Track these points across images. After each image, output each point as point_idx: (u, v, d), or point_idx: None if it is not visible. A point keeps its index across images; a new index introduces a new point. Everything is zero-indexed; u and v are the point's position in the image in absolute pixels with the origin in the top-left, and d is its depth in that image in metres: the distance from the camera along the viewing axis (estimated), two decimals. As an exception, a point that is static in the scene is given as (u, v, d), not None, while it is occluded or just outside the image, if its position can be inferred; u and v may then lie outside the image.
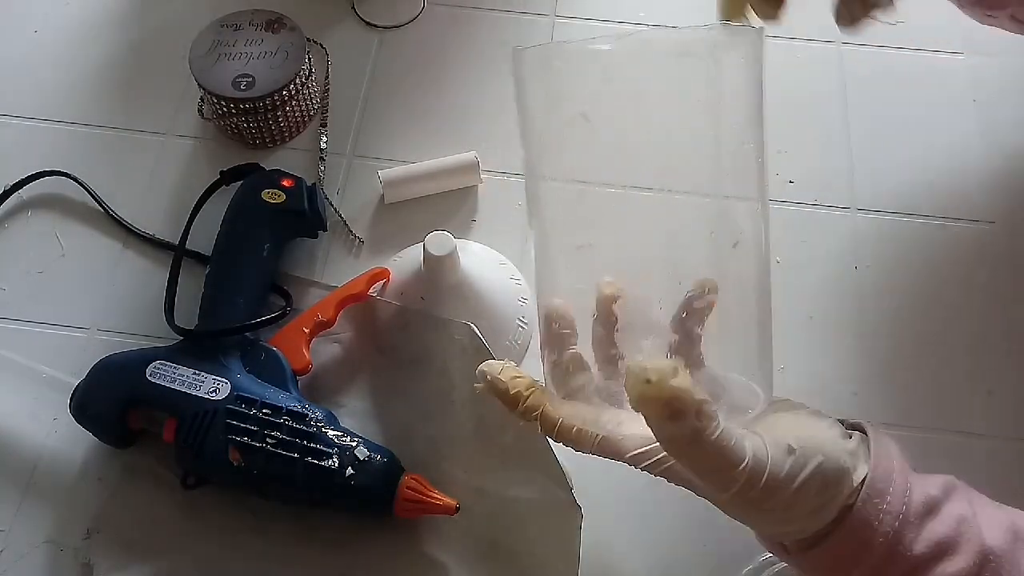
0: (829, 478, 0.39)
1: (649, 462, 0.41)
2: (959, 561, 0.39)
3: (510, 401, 0.44)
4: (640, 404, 0.37)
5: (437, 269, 0.59)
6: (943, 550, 0.39)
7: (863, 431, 0.43)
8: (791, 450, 0.39)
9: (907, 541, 0.39)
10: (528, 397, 0.44)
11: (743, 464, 0.38)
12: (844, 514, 0.39)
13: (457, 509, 0.54)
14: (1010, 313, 0.65)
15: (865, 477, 0.40)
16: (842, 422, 0.43)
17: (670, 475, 0.41)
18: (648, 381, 0.36)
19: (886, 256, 0.68)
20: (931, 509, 0.40)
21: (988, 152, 0.72)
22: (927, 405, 0.61)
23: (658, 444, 0.39)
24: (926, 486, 0.41)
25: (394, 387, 0.61)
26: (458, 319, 0.59)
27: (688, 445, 0.37)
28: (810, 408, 0.44)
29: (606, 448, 0.42)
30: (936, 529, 0.39)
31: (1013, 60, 0.77)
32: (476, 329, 0.58)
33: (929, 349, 0.64)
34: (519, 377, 0.44)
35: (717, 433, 0.37)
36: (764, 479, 0.38)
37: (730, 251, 0.41)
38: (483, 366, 0.45)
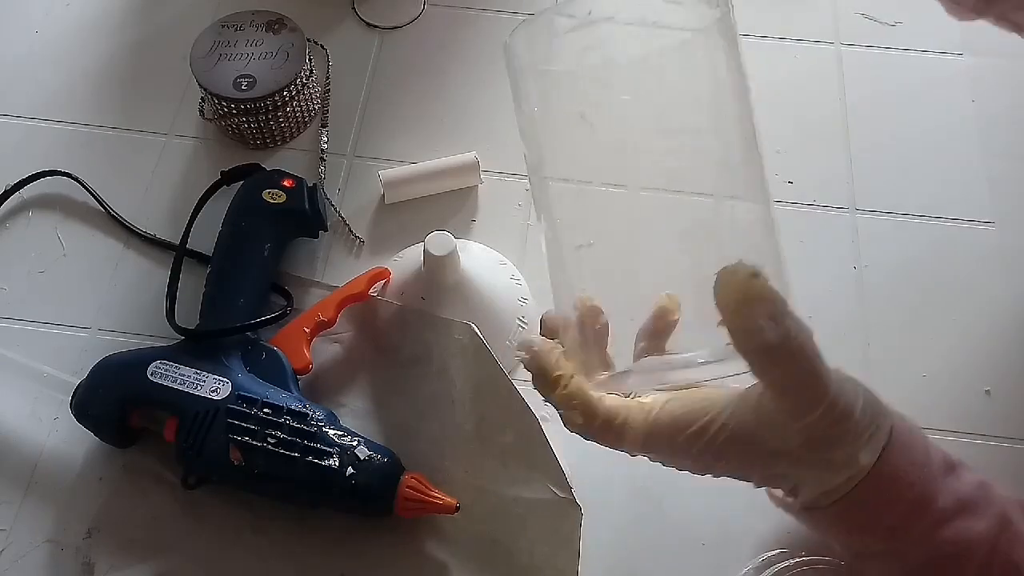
0: (876, 407, 0.39)
1: (708, 436, 0.39)
2: (981, 522, 0.39)
3: (549, 383, 0.42)
4: (744, 304, 0.36)
5: (437, 269, 0.59)
6: (966, 507, 0.39)
7: None
8: (840, 376, 0.39)
9: (934, 492, 0.39)
10: (569, 383, 0.42)
11: (831, 376, 0.37)
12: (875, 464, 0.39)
13: (457, 508, 0.54)
14: (1009, 313, 0.65)
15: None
16: None
17: (718, 461, 0.40)
18: (755, 275, 0.35)
19: (885, 256, 0.68)
20: (951, 468, 0.40)
21: (988, 152, 0.72)
22: (927, 405, 0.61)
23: (708, 423, 0.39)
24: (941, 449, 0.41)
25: (394, 387, 0.61)
26: (458, 319, 0.59)
27: (786, 351, 0.37)
28: None
29: (653, 441, 0.41)
30: (957, 488, 0.40)
31: (1013, 60, 0.77)
32: (476, 329, 0.58)
33: (928, 349, 0.64)
34: (564, 361, 0.42)
35: (812, 338, 0.37)
36: (842, 400, 0.38)
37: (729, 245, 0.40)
38: (528, 339, 0.43)
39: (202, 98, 0.71)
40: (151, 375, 0.56)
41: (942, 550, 0.39)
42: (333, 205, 0.68)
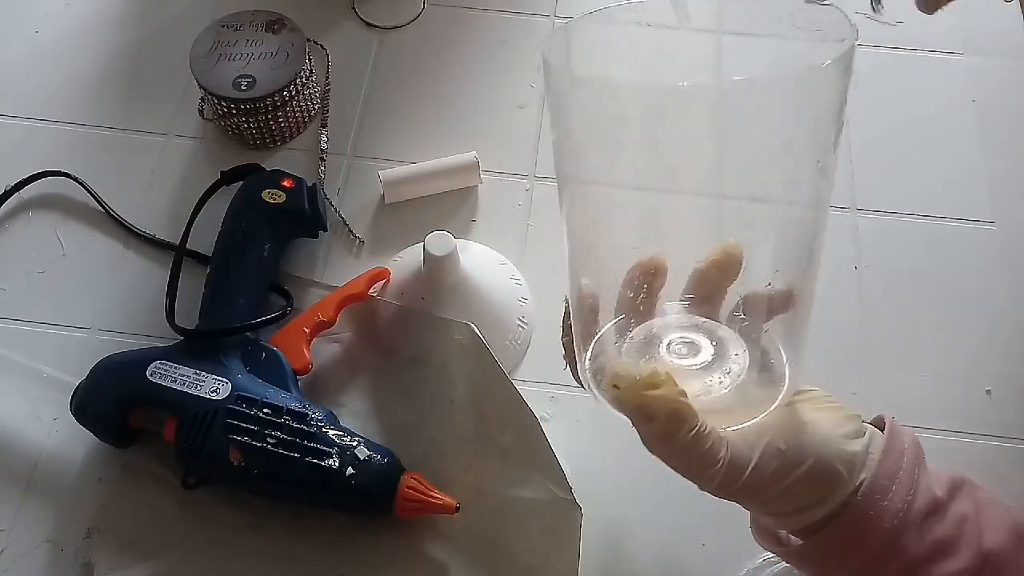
0: (817, 480, 0.39)
1: None
2: (958, 561, 0.39)
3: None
4: (614, 406, 0.39)
5: (437, 269, 0.59)
6: (942, 550, 0.39)
7: (881, 425, 0.43)
8: (780, 452, 0.39)
9: (907, 539, 0.39)
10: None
11: (716, 466, 0.39)
12: (843, 509, 0.40)
13: (457, 508, 0.54)
14: (1009, 313, 0.65)
15: (868, 475, 0.40)
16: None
17: None
18: (616, 387, 0.38)
19: (886, 256, 0.68)
20: (935, 510, 0.40)
21: (988, 152, 0.72)
22: (927, 405, 0.61)
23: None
24: (932, 486, 0.41)
25: (394, 387, 0.61)
26: (458, 319, 0.59)
27: (660, 445, 0.39)
28: (833, 399, 0.44)
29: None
30: (938, 530, 0.40)
31: (1013, 60, 0.77)
32: (476, 329, 0.58)
33: (928, 349, 0.64)
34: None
35: (689, 436, 0.38)
36: (743, 480, 0.39)
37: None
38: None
39: (202, 98, 0.71)
40: (151, 375, 0.56)
41: None
42: (333, 205, 0.68)
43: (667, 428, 0.38)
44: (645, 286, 0.42)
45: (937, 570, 0.39)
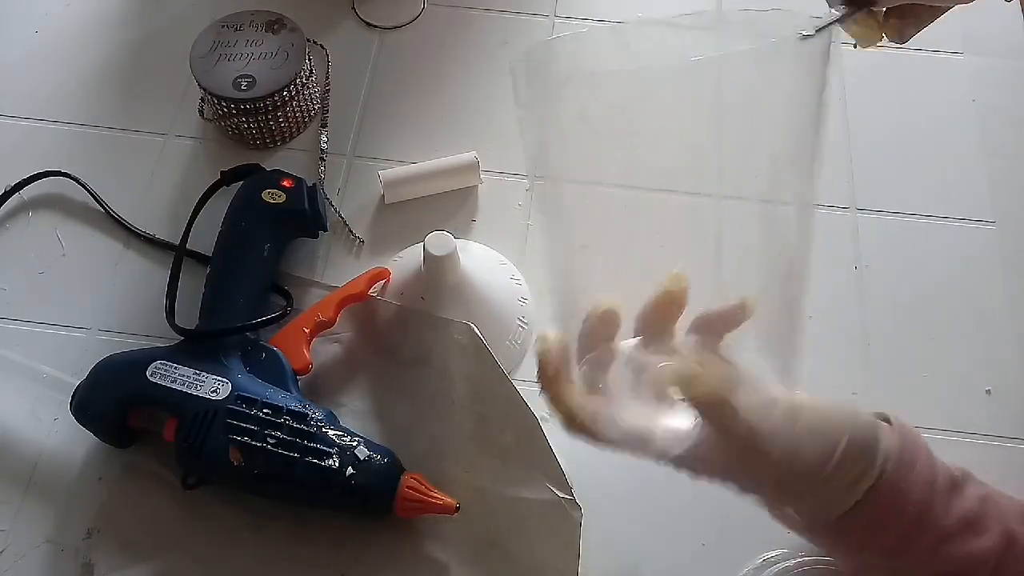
0: (862, 442, 0.40)
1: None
2: (987, 539, 0.39)
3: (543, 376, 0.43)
4: (696, 407, 0.39)
5: (437, 269, 0.59)
6: (971, 525, 0.39)
7: (886, 418, 0.43)
8: (820, 423, 0.40)
9: (937, 511, 0.39)
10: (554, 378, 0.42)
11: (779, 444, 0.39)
12: (876, 480, 0.40)
13: (457, 509, 0.54)
14: (1009, 313, 0.65)
15: (892, 448, 0.40)
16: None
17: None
18: (689, 386, 0.38)
19: (886, 256, 0.68)
20: (955, 486, 0.41)
21: (988, 152, 0.72)
22: (926, 405, 0.61)
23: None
24: (947, 466, 0.41)
25: (394, 387, 0.61)
26: (458, 319, 0.59)
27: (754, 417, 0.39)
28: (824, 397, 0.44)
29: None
30: (963, 505, 0.40)
31: (1013, 60, 0.77)
32: (476, 329, 0.58)
33: (928, 349, 0.64)
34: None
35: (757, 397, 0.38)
36: (806, 457, 0.39)
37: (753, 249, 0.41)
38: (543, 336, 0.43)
39: (202, 98, 0.71)
40: (151, 375, 0.56)
41: (945, 567, 0.39)
42: (333, 205, 0.68)
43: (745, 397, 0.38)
44: (601, 333, 0.42)
45: (968, 546, 0.39)
